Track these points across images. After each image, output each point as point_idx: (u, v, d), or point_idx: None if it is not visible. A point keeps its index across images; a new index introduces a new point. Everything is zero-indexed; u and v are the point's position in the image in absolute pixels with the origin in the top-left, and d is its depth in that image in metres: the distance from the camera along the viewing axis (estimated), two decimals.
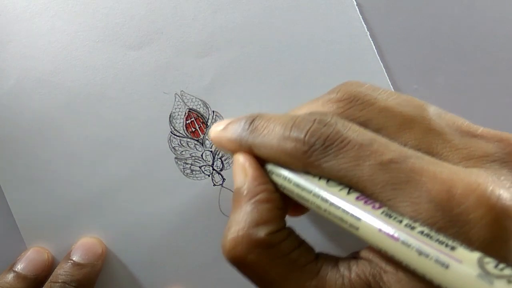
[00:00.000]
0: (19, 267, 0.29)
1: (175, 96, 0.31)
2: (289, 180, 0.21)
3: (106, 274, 0.30)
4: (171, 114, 0.31)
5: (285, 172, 0.21)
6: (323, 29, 0.31)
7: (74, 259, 0.29)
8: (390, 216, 0.17)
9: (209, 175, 0.31)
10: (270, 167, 0.22)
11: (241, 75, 0.31)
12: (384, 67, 0.31)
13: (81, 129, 0.31)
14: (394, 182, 0.18)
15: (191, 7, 0.31)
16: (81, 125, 0.31)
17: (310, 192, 0.20)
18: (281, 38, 0.31)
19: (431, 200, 0.17)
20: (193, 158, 0.31)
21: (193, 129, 0.31)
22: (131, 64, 0.31)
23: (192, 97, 0.31)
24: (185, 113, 0.31)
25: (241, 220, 0.20)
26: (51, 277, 0.28)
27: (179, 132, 0.31)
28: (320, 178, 0.20)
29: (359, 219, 0.18)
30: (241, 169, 0.22)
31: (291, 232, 0.21)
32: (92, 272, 0.29)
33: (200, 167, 0.31)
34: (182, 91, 0.31)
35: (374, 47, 0.31)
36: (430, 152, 0.20)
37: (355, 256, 0.20)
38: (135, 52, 0.31)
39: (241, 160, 0.22)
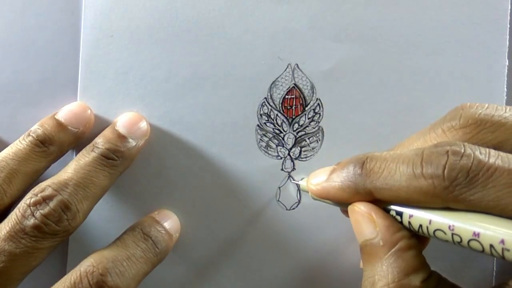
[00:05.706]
0: (60, 115, 0.27)
1: (287, 65, 0.29)
2: (431, 222, 0.19)
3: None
4: (274, 81, 0.29)
5: (425, 214, 0.20)
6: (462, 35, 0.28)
7: (119, 130, 0.27)
8: None
9: (281, 158, 0.29)
10: (401, 210, 0.21)
11: (363, 75, 0.29)
12: None
13: (184, 55, 0.29)
14: None
15: None
16: (189, 52, 0.29)
17: (460, 231, 0.18)
18: (419, 46, 0.28)
19: None
20: (274, 133, 0.29)
21: (289, 107, 0.29)
22: (260, 15, 0.29)
23: (303, 75, 0.29)
24: (289, 87, 0.29)
25: (387, 273, 0.19)
26: (94, 141, 0.27)
27: (273, 102, 0.29)
28: (463, 211, 0.19)
29: None
30: (367, 219, 0.21)
31: (439, 275, 0.20)
32: (135, 149, 0.27)
33: (277, 145, 0.29)
34: (297, 64, 0.29)
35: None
36: None
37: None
38: (271, 5, 0.29)
39: (365, 210, 0.21)
